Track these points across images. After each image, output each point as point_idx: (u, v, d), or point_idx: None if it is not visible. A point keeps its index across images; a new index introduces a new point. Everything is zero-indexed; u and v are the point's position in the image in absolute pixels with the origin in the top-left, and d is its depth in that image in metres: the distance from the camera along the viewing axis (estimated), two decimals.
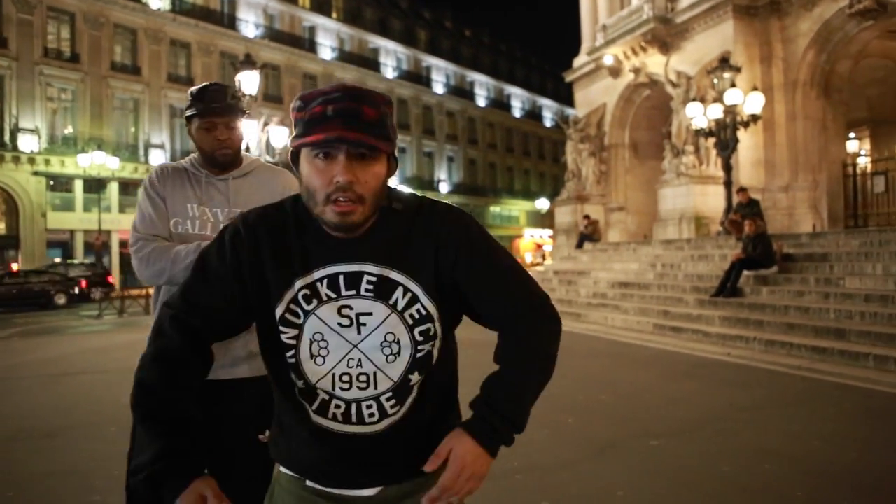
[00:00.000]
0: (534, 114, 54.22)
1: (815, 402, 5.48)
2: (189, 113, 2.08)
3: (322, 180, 1.12)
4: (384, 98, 1.16)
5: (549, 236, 51.43)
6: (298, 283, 1.19)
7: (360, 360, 1.20)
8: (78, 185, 27.17)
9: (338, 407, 1.21)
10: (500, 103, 50.69)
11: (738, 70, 14.57)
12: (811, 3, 15.80)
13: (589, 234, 18.46)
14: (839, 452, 4.09)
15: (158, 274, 1.99)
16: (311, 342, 1.20)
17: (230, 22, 32.38)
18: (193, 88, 2.10)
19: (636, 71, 20.52)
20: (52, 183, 26.63)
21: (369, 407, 1.21)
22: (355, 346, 1.19)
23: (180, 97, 29.93)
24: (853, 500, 3.35)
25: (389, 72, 41.05)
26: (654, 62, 19.63)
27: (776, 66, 16.73)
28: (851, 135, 19.22)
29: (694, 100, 15.67)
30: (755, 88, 14.40)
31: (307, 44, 36.04)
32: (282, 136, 14.40)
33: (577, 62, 24.20)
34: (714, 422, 4.83)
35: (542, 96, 55.24)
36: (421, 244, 1.20)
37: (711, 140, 15.20)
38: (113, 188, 27.79)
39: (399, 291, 1.19)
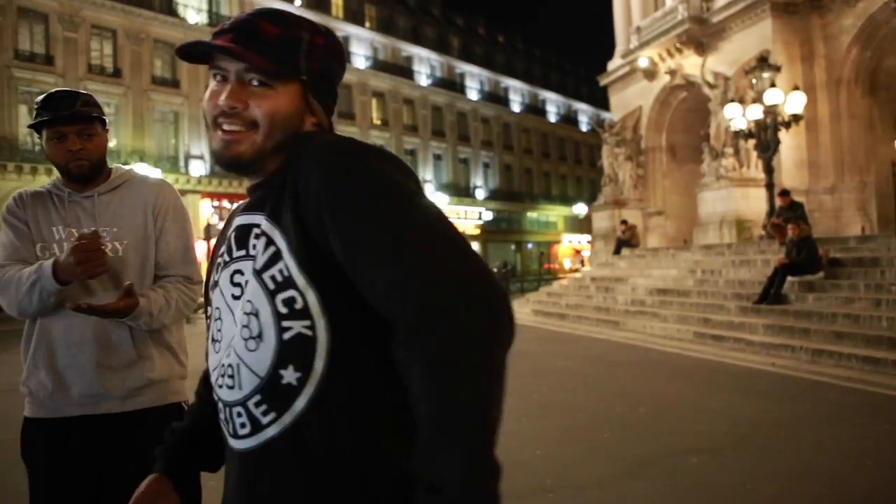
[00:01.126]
0: (569, 118, 53.84)
1: (866, 416, 5.20)
2: (33, 122, 1.88)
3: (210, 103, 0.95)
4: (308, 23, 0.97)
5: (588, 242, 50.97)
6: (221, 250, 1.02)
7: (230, 345, 0.94)
8: None
9: (220, 411, 0.98)
10: (535, 108, 50.46)
11: (777, 69, 14.16)
12: None
13: (627, 240, 18.14)
14: (862, 472, 3.86)
15: (8, 304, 1.78)
16: (215, 320, 1.00)
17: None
18: (39, 97, 1.92)
19: (672, 73, 20.16)
20: None
21: (239, 415, 0.92)
22: (235, 333, 0.94)
23: None
24: None
25: (423, 79, 41.21)
26: (690, 63, 19.27)
27: (818, 65, 16.26)
28: None
29: (732, 101, 15.30)
30: (796, 88, 13.97)
31: None
32: None
33: (612, 65, 23.92)
34: (757, 438, 4.62)
35: (577, 100, 54.81)
36: (286, 187, 0.92)
37: (752, 142, 14.80)
38: None
39: (261, 243, 0.92)
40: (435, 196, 40.19)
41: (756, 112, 13.84)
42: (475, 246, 44.93)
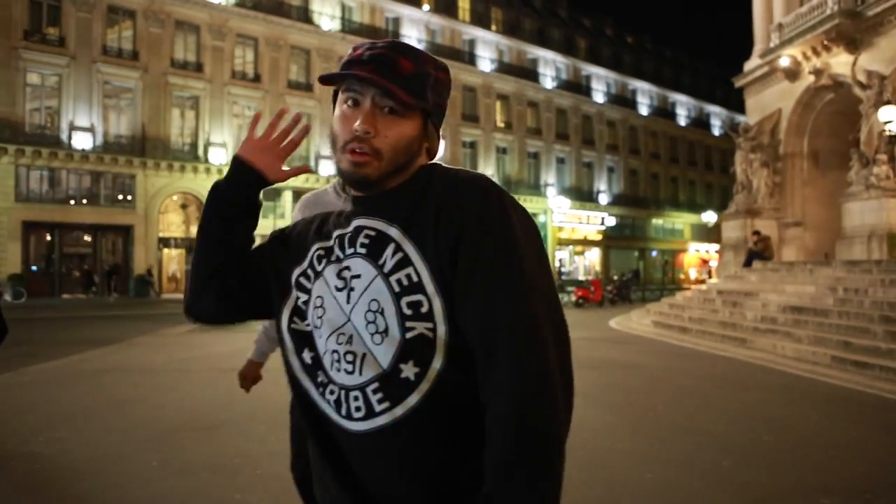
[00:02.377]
0: (700, 122, 51.42)
1: None
2: None
3: (344, 127, 1.06)
4: (433, 60, 1.10)
5: (716, 252, 48.37)
6: (317, 245, 1.14)
7: (350, 335, 1.03)
8: None
9: (332, 392, 1.06)
10: (664, 111, 48.61)
11: None
12: None
13: (759, 252, 17.01)
14: None
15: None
16: (315, 308, 1.10)
17: (394, 39, 33.96)
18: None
19: (817, 72, 18.67)
20: None
21: (356, 399, 1.02)
22: (348, 318, 1.04)
23: None
24: None
25: (548, 82, 40.87)
26: (839, 62, 17.75)
27: None
28: None
29: (888, 102, 13.93)
30: None
31: (466, 56, 36.90)
32: (440, 149, 14.72)
33: (749, 66, 22.51)
34: None
35: (709, 103, 52.21)
36: (427, 207, 1.02)
37: None
38: (286, 196, 30.10)
39: (390, 249, 1.02)
40: (557, 199, 39.76)
41: None
42: (596, 252, 44.16)
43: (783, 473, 4.25)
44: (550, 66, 41.51)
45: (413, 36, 34.42)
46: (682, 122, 49.76)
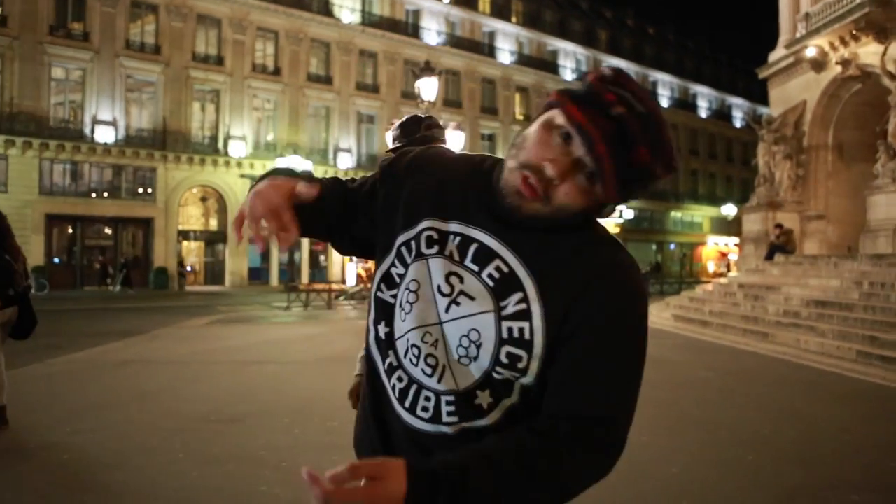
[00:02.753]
0: (722, 113, 50.75)
1: None
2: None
3: (538, 150, 0.94)
4: (669, 163, 0.94)
5: (736, 245, 47.84)
6: (430, 223, 1.05)
7: (436, 340, 1.01)
8: None
9: (400, 379, 1.05)
10: (685, 103, 48.06)
11: None
12: None
13: (781, 245, 16.78)
14: None
15: None
16: (406, 289, 1.05)
17: (414, 31, 33.87)
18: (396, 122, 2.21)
19: (844, 63, 18.30)
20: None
21: (427, 399, 1.02)
22: (440, 323, 1.01)
23: (367, 104, 31.99)
24: None
25: (568, 74, 40.60)
26: (868, 52, 17.38)
27: None
28: None
29: None
30: None
31: (486, 49, 36.72)
32: (458, 141, 14.67)
33: (773, 56, 22.16)
34: None
35: (731, 95, 51.53)
36: (572, 275, 0.97)
37: None
38: None
39: (516, 297, 0.97)
40: None
41: None
42: None
43: (809, 469, 4.19)
44: (571, 58, 41.21)
45: (433, 28, 34.30)
46: (703, 113, 49.16)
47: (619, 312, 0.97)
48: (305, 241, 30.71)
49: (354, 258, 29.92)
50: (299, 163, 27.10)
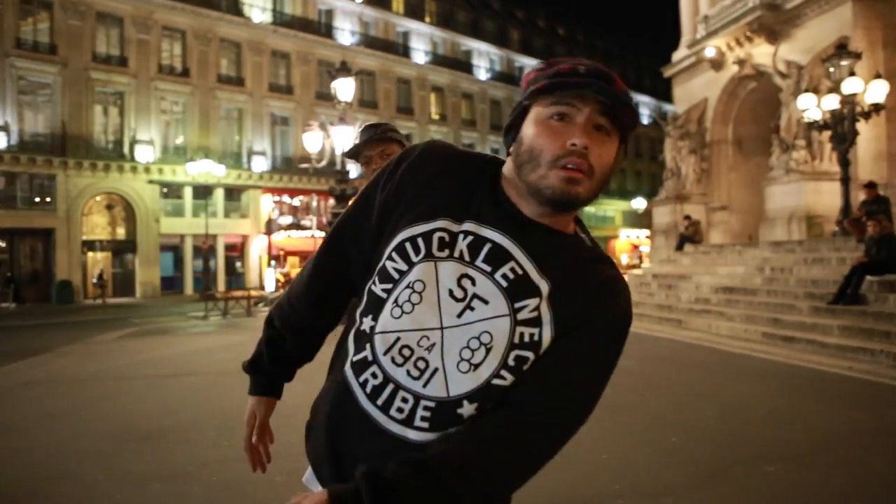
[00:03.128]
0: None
1: None
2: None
3: (554, 142, 0.97)
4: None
5: (647, 237, 49.86)
6: (443, 223, 1.03)
7: (433, 344, 0.99)
8: (187, 192, 28.81)
9: (374, 376, 1.01)
10: None
11: (857, 56, 13.42)
12: None
13: (689, 236, 17.63)
14: None
15: None
16: (406, 288, 1.02)
17: (327, 31, 33.39)
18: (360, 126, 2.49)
19: (741, 63, 19.45)
20: (164, 191, 28.37)
21: (405, 401, 0.99)
22: (441, 328, 0.99)
23: (281, 105, 31.29)
24: None
25: (482, 73, 41.13)
26: (761, 52, 18.53)
27: None
28: None
29: (806, 91, 14.61)
30: (878, 76, 13.23)
31: (401, 49, 36.66)
32: None
33: (676, 56, 23.27)
34: (837, 447, 4.38)
35: (639, 93, 53.58)
36: (582, 287, 1.02)
37: (825, 134, 14.12)
38: (219, 194, 29.27)
39: (532, 302, 0.99)
40: None
41: (832, 102, 13.18)
42: None
43: (728, 446, 4.42)
44: (484, 57, 41.77)
45: (346, 28, 33.96)
46: None
47: (616, 333, 1.04)
48: (220, 247, 29.73)
49: (273, 263, 29.28)
50: (211, 167, 26.19)
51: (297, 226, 31.27)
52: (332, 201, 16.10)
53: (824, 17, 16.28)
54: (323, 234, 21.27)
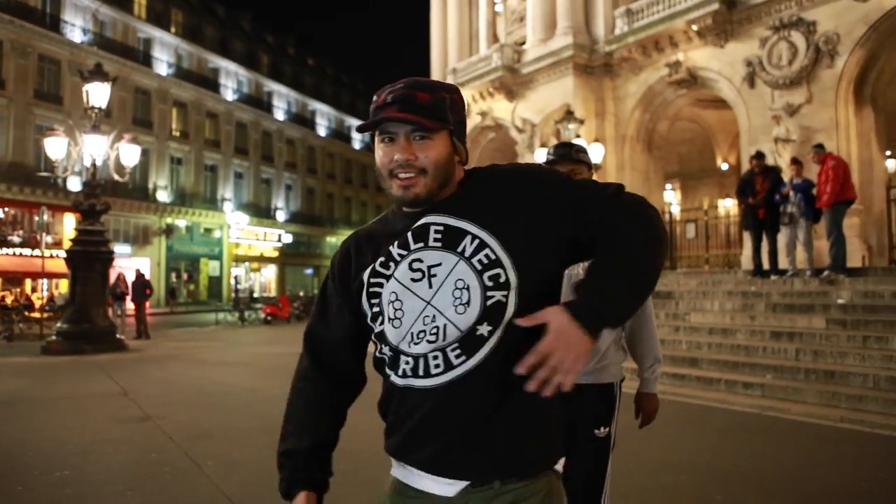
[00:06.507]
0: (371, 147, 54.24)
1: (685, 423, 6.21)
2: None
3: (385, 160, 1.25)
4: (446, 86, 1.29)
5: None
6: (380, 258, 1.29)
7: (434, 315, 1.22)
8: None
9: (407, 363, 1.25)
10: (341, 134, 50.78)
11: (581, 122, 16.05)
12: (638, 68, 17.90)
13: None
14: (714, 461, 4.74)
15: None
16: (389, 304, 1.26)
17: (53, 23, 29.44)
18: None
19: (483, 114, 21.63)
20: None
21: (435, 358, 1.22)
22: (428, 303, 1.23)
23: None
24: (726, 492, 3.95)
25: (230, 94, 39.56)
26: (501, 107, 20.88)
27: (609, 121, 18.61)
28: (668, 186, 21.83)
29: (542, 146, 16.96)
30: (596, 140, 15.94)
31: (141, 56, 33.74)
32: (133, 155, 13.35)
33: None
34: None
35: None
36: (499, 197, 1.26)
37: None
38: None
39: (467, 239, 1.23)
40: (235, 215, 38.58)
41: None
42: (273, 269, 43.91)
43: None
44: (232, 77, 40.26)
45: (77, 24, 30.28)
46: (357, 145, 52.39)
47: (531, 180, 1.29)
48: None
49: None
50: None
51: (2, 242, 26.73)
52: (68, 217, 14.23)
53: (553, 85, 19.06)
54: (40, 252, 18.48)
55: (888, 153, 15.99)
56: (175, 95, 35.53)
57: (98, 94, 12.56)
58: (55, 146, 12.49)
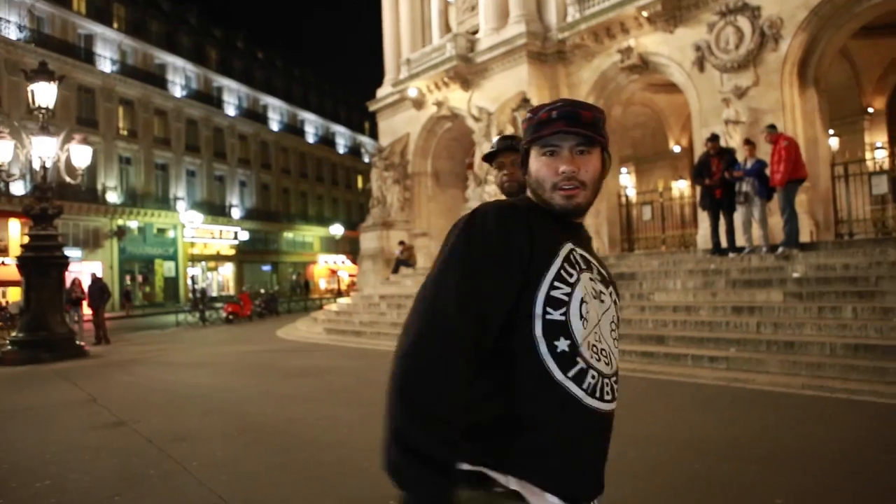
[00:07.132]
0: (327, 140, 54.28)
1: (656, 397, 6.43)
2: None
3: (549, 172, 1.33)
4: (598, 108, 1.41)
5: (342, 262, 51.64)
6: (567, 246, 1.32)
7: (600, 336, 1.30)
8: None
9: (593, 378, 1.26)
10: (294, 128, 50.10)
11: None
12: (590, 55, 18.15)
13: (405, 260, 19.09)
14: (687, 432, 4.95)
15: None
16: (582, 302, 1.27)
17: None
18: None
19: (439, 104, 21.65)
20: None
21: (607, 385, 1.30)
22: (598, 322, 1.30)
23: None
24: (698, 460, 4.14)
25: (178, 90, 38.56)
26: (456, 97, 20.93)
27: None
28: (623, 170, 22.25)
29: (499, 134, 17.08)
30: None
31: (82, 53, 32.61)
32: (85, 156, 12.97)
33: (381, 92, 24.92)
34: None
35: (335, 123, 55.53)
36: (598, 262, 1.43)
37: None
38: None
39: (613, 287, 1.41)
40: (189, 214, 37.76)
41: None
42: (230, 267, 43.02)
43: None
44: (180, 73, 39.26)
45: (12, 20, 29.06)
46: (311, 139, 51.87)
47: None
48: None
49: None
50: None
51: None
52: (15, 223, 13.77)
53: (507, 73, 19.19)
54: None
55: (831, 132, 16.62)
56: (121, 93, 34.49)
57: (44, 93, 12.22)
58: (1, 149, 12.03)
